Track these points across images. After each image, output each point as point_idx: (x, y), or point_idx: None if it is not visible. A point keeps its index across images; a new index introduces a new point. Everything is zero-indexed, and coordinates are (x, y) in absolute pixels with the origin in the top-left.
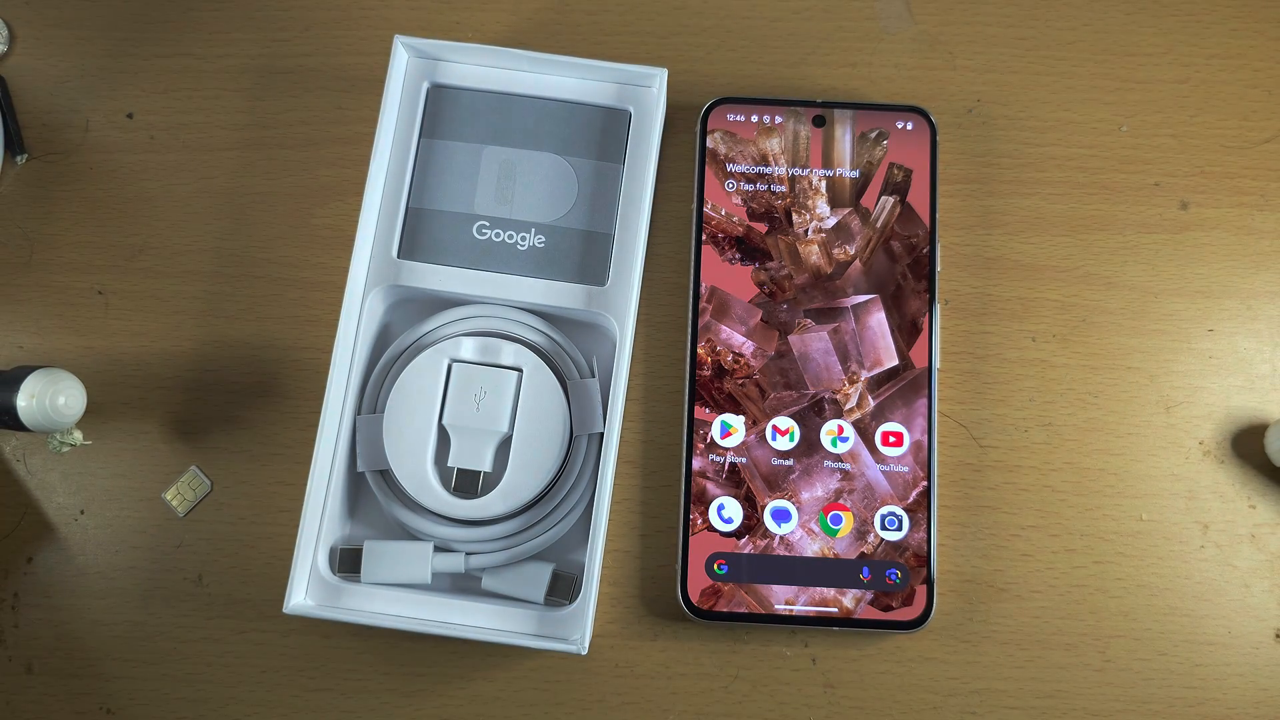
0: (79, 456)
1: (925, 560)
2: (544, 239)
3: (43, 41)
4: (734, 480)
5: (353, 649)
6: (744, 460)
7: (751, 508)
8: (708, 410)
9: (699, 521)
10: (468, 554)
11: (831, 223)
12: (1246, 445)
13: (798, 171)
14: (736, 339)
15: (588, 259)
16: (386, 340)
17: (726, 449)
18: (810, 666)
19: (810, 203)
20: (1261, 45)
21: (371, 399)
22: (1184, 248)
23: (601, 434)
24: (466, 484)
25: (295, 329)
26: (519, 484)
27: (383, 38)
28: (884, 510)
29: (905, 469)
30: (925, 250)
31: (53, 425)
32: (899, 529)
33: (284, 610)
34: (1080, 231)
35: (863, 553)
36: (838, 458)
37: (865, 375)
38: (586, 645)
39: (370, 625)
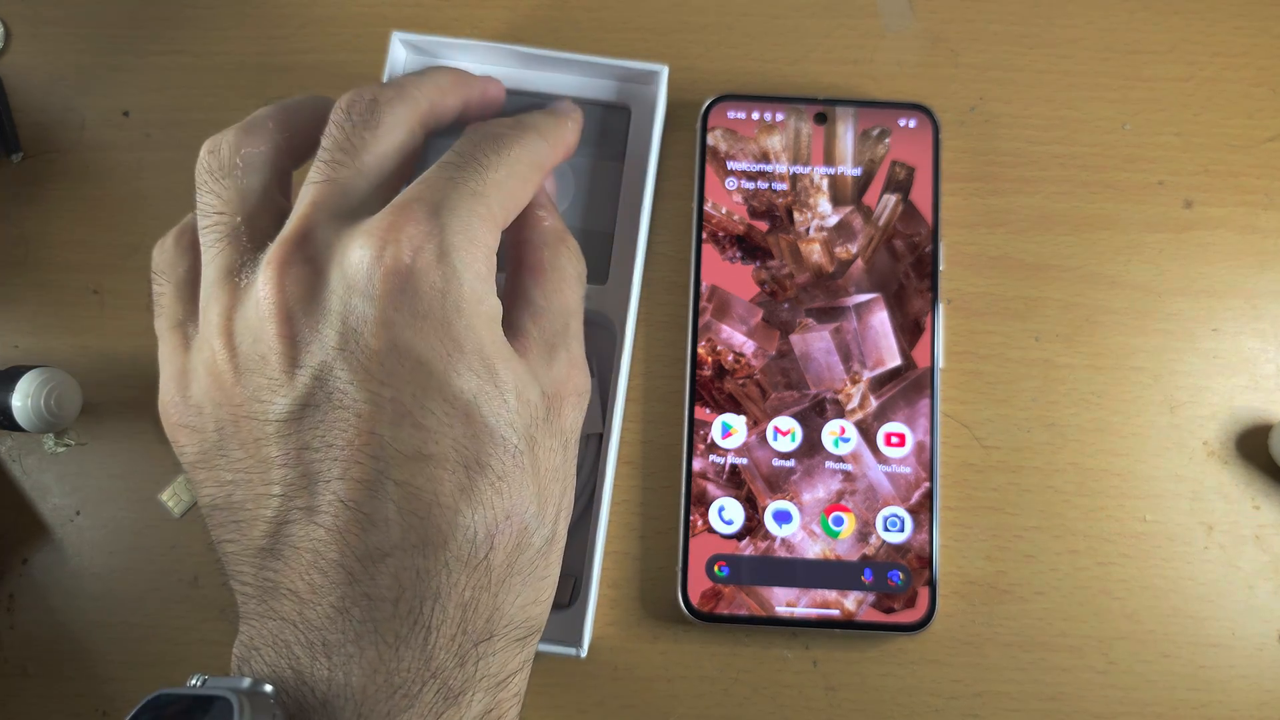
0: (74, 457)
1: (928, 562)
2: None
3: (38, 39)
4: (735, 481)
5: None
6: (745, 461)
7: (752, 509)
8: (708, 410)
9: (699, 523)
10: None
11: (833, 221)
12: (1251, 446)
13: (799, 169)
14: (737, 338)
15: (587, 258)
16: None
17: (727, 450)
18: (812, 669)
19: (812, 201)
20: (1266, 43)
21: None
22: (1188, 247)
23: (601, 434)
24: None
25: None
26: None
27: (380, 34)
28: (886, 511)
29: (908, 470)
30: (928, 249)
31: (48, 425)
32: (901, 530)
33: None
34: (1084, 230)
35: (865, 554)
36: (839, 458)
37: (867, 375)
38: (585, 648)
39: None
